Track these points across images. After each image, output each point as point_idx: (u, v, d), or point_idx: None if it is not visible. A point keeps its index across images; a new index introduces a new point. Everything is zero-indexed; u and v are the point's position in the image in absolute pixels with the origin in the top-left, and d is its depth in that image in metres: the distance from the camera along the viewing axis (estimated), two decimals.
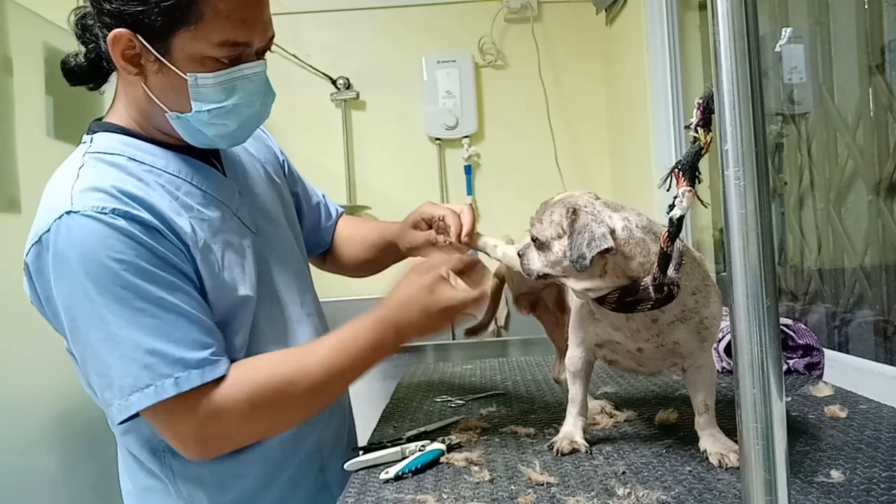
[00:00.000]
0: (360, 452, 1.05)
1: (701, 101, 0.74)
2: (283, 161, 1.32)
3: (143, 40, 0.92)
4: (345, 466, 1.02)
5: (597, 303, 0.96)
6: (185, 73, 0.93)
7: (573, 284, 0.95)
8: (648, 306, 0.91)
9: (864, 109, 1.51)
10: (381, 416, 1.34)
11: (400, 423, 1.25)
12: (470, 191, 3.01)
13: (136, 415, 0.92)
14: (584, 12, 2.97)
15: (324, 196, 1.41)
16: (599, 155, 3.00)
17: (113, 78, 1.07)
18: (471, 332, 1.43)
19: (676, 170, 0.79)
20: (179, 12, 0.90)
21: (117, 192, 0.92)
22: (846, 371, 1.36)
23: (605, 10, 2.82)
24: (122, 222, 0.90)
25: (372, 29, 3.00)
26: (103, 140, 1.01)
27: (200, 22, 0.90)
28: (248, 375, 0.95)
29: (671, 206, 0.80)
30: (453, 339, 2.91)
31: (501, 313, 2.89)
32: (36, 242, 0.93)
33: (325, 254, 1.42)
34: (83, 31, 1.03)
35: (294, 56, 2.85)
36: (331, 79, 2.94)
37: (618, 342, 1.00)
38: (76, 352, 0.95)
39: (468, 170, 3.00)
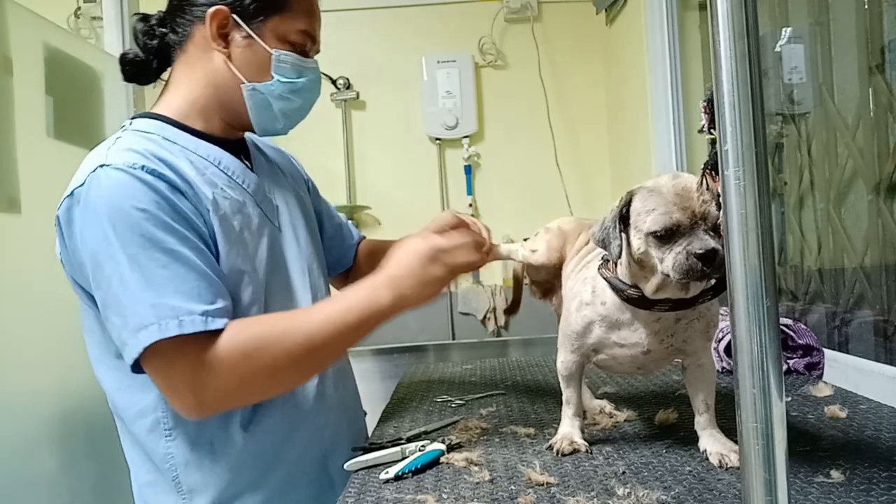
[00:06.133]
0: (361, 452, 1.05)
1: (705, 104, 0.75)
2: (308, 180, 1.40)
3: (237, 18, 1.09)
4: (344, 466, 1.02)
5: (641, 304, 0.94)
6: (271, 49, 1.09)
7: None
8: (709, 297, 0.93)
9: (864, 109, 1.51)
10: (381, 416, 1.34)
11: (400, 423, 1.25)
12: (470, 191, 3.01)
13: (142, 371, 0.96)
14: (584, 12, 2.98)
15: (347, 220, 1.49)
16: (599, 155, 3.00)
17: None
18: (507, 311, 1.52)
19: (707, 170, 0.80)
20: (275, 1, 1.10)
21: (149, 153, 1.01)
22: (846, 371, 1.36)
23: (605, 10, 2.82)
24: (149, 177, 0.97)
25: (372, 29, 3.00)
26: (141, 123, 1.10)
27: (289, 11, 1.11)
28: (243, 328, 0.98)
29: (719, 206, 0.82)
30: (453, 339, 2.91)
31: (501, 314, 2.89)
32: (68, 196, 0.99)
33: (348, 276, 1.46)
34: (150, 27, 1.15)
35: None
36: (331, 79, 2.94)
37: (621, 345, 0.99)
38: (98, 297, 0.98)
39: (468, 170, 3.00)
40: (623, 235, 0.92)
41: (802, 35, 1.74)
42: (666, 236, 0.87)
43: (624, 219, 0.92)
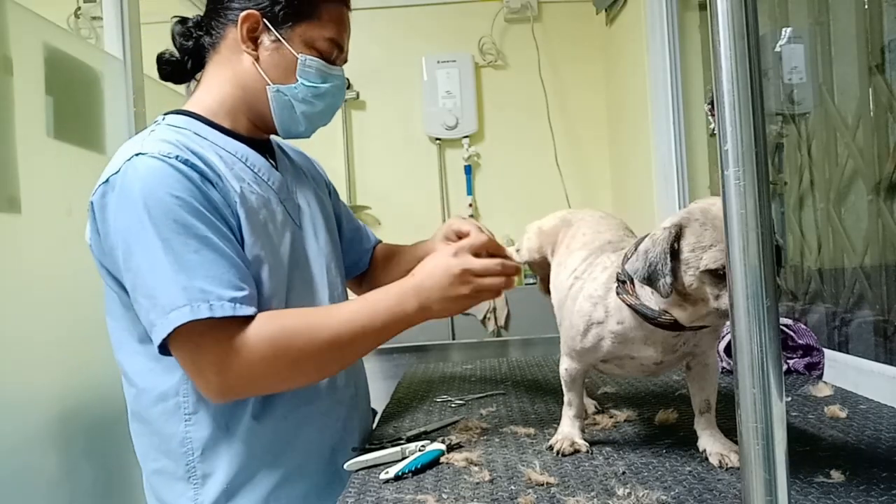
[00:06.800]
0: (360, 452, 1.05)
1: (709, 106, 0.74)
2: (329, 184, 1.44)
3: (267, 23, 1.13)
4: (344, 466, 1.02)
5: (672, 328, 0.91)
6: (297, 53, 1.14)
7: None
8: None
9: (864, 109, 1.52)
10: (381, 416, 1.34)
11: (400, 423, 1.25)
12: (470, 191, 3.01)
13: (169, 353, 0.99)
14: (584, 12, 2.98)
15: (364, 226, 1.52)
16: (599, 155, 3.00)
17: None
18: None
19: None
20: (305, 9, 1.14)
21: (182, 145, 1.05)
22: (846, 371, 1.36)
23: (605, 10, 2.83)
24: (183, 167, 1.01)
25: (372, 29, 3.00)
26: (173, 119, 1.14)
27: (318, 20, 1.15)
28: (271, 318, 1.02)
29: None
30: (453, 339, 2.91)
31: (501, 314, 2.89)
32: (104, 183, 1.03)
33: (363, 280, 1.49)
34: (187, 29, 1.21)
35: None
36: None
37: (633, 357, 0.97)
38: (128, 280, 1.01)
39: (468, 170, 3.00)
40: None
41: (802, 35, 1.74)
42: (724, 274, 0.80)
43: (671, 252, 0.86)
